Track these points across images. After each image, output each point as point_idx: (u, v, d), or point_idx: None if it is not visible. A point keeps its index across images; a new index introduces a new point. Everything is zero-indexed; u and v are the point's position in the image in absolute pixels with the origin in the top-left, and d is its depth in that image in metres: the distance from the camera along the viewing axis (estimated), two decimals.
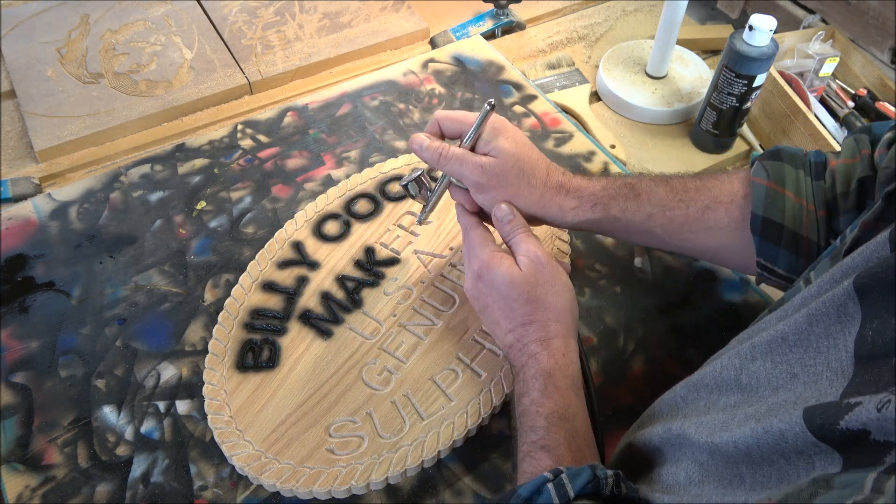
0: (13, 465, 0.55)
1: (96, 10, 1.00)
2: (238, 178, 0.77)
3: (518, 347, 0.51)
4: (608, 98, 0.94)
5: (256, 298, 0.64)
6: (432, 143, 0.56)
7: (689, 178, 0.57)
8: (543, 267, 0.52)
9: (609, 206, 0.56)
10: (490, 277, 0.53)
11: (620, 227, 0.57)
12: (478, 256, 0.54)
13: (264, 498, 0.54)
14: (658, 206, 0.55)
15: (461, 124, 0.56)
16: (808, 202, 0.52)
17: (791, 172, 0.53)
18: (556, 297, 0.52)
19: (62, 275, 0.68)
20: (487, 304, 0.54)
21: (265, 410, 0.56)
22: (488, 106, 0.54)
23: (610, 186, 0.56)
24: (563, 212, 0.56)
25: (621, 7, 1.09)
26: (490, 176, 0.54)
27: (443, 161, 0.55)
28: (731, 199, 0.54)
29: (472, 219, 0.57)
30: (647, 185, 0.56)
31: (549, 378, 0.48)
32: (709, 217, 0.54)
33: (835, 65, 0.93)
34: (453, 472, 0.55)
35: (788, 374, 0.36)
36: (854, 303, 0.33)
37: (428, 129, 0.58)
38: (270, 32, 0.98)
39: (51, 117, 0.86)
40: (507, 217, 0.55)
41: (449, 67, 0.90)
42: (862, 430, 0.28)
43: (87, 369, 0.61)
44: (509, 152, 0.54)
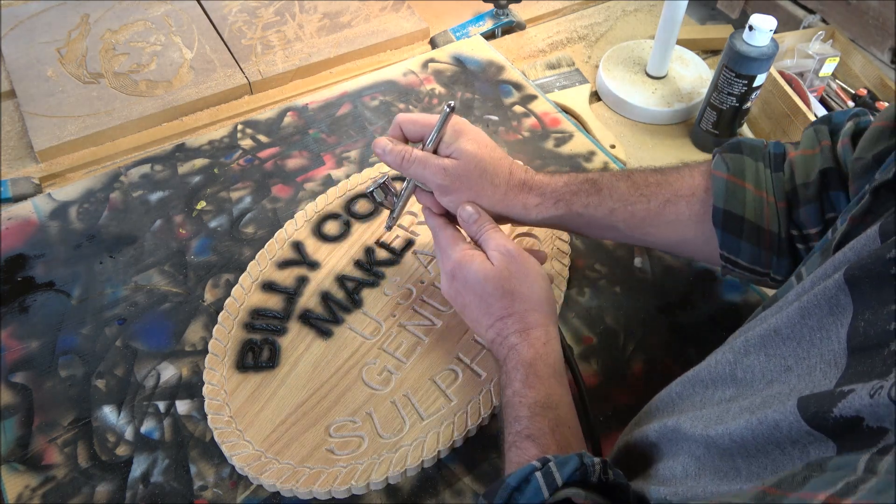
0: (13, 465, 0.55)
1: (96, 10, 1.00)
2: (238, 178, 0.77)
3: (499, 341, 0.52)
4: (608, 98, 0.94)
5: (256, 298, 0.64)
6: (395, 147, 0.56)
7: (650, 173, 0.57)
8: (514, 259, 0.53)
9: (571, 202, 0.56)
10: (464, 276, 0.53)
11: (583, 223, 0.57)
12: (449, 257, 0.55)
13: (264, 498, 0.54)
14: (619, 200, 0.56)
15: (422, 127, 0.57)
16: (767, 194, 0.53)
17: (751, 164, 0.54)
18: (530, 288, 0.53)
19: (62, 275, 0.68)
20: (465, 302, 0.54)
21: (265, 410, 0.56)
22: (448, 108, 0.54)
23: (572, 182, 0.57)
24: (526, 209, 0.57)
25: (621, 7, 1.09)
26: (453, 178, 0.55)
27: (406, 164, 0.56)
28: (692, 192, 0.55)
29: (439, 220, 0.58)
30: (609, 181, 0.57)
31: (530, 368, 0.49)
32: (670, 211, 0.55)
33: (835, 65, 0.93)
34: (453, 472, 0.55)
35: (782, 367, 0.36)
36: (845, 295, 0.33)
37: (390, 133, 0.58)
38: (270, 32, 0.98)
39: (51, 117, 0.86)
40: (472, 217, 0.55)
41: (449, 67, 0.90)
42: (855, 416, 0.28)
43: (87, 369, 0.61)
44: (471, 153, 0.55)
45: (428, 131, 0.56)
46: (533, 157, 0.79)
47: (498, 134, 0.82)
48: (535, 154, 0.80)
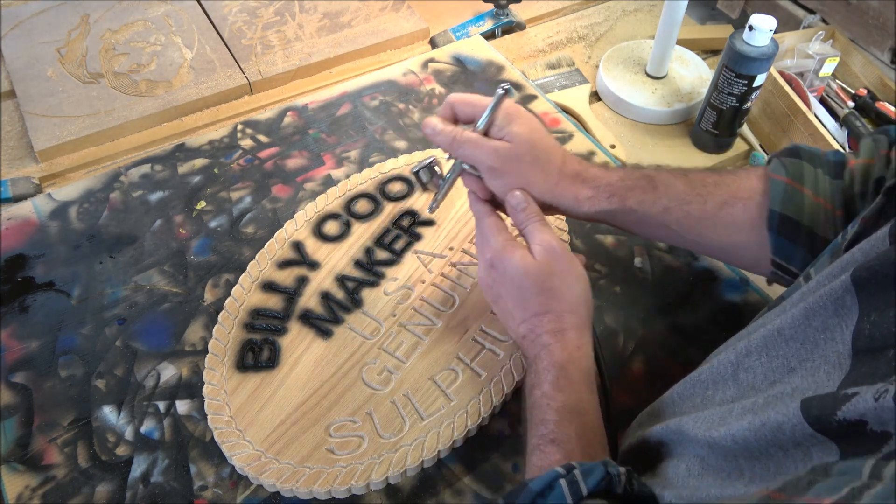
0: (13, 465, 0.55)
1: (96, 10, 1.00)
2: (238, 178, 0.77)
3: (531, 338, 0.50)
4: (608, 98, 0.94)
5: (256, 298, 0.64)
6: (445, 127, 0.54)
7: (707, 173, 0.56)
8: (559, 257, 0.51)
9: (626, 197, 0.54)
10: (503, 266, 0.52)
11: (636, 220, 0.56)
12: (490, 245, 0.53)
13: (264, 498, 0.54)
14: (675, 199, 0.54)
15: (475, 108, 0.55)
16: (826, 201, 0.51)
17: (810, 170, 0.52)
18: (570, 288, 0.51)
19: (62, 275, 0.68)
20: (500, 293, 0.53)
21: (265, 410, 0.56)
22: (502, 90, 0.52)
23: (627, 177, 0.55)
24: (578, 201, 0.55)
25: (621, 7, 1.09)
26: (504, 160, 0.53)
27: (456, 145, 0.54)
28: (750, 195, 0.53)
29: (484, 207, 0.56)
30: (665, 178, 0.55)
31: (561, 371, 0.47)
32: (726, 213, 0.53)
33: (835, 65, 0.93)
34: (453, 472, 0.55)
35: (785, 367, 0.36)
36: (851, 296, 0.33)
37: (441, 113, 0.56)
38: (270, 32, 0.98)
39: (51, 117, 0.86)
40: (521, 205, 0.53)
41: (449, 67, 0.90)
42: (859, 420, 0.28)
43: (87, 369, 0.61)
44: (524, 137, 0.53)
45: (479, 112, 0.54)
46: None
47: None
48: None
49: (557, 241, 0.52)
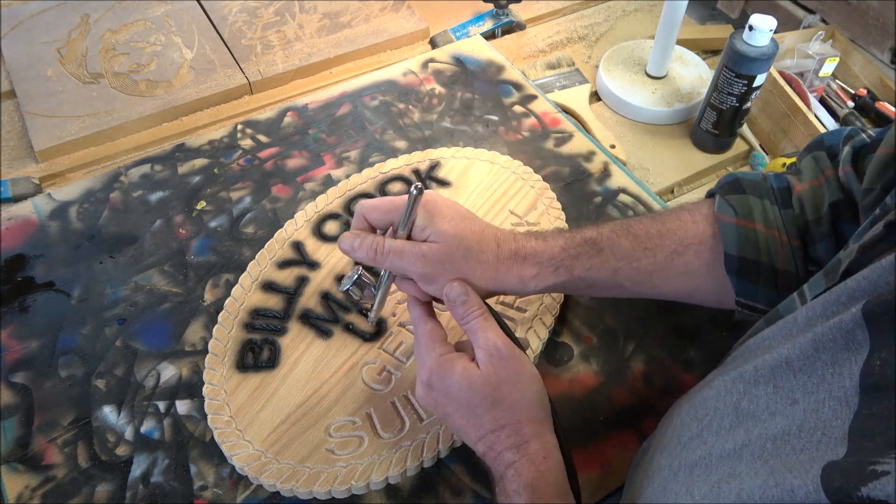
0: (13, 465, 0.55)
1: (96, 10, 1.00)
2: (238, 178, 0.77)
3: (492, 456, 0.47)
4: (608, 98, 0.94)
5: (256, 298, 0.64)
6: (364, 241, 0.51)
7: (649, 223, 0.54)
8: (505, 361, 0.47)
9: (572, 266, 0.52)
10: (444, 386, 0.48)
11: (586, 286, 0.54)
12: (424, 363, 0.49)
13: (264, 498, 0.54)
14: (623, 258, 0.52)
15: (388, 213, 0.51)
16: (780, 233, 0.50)
17: (757, 203, 0.51)
18: (522, 394, 0.47)
19: (62, 275, 0.68)
20: (447, 412, 0.49)
21: (265, 410, 0.56)
22: (415, 190, 0.48)
23: (570, 246, 0.53)
24: (523, 281, 0.52)
25: (621, 7, 1.09)
26: (435, 264, 0.50)
27: (380, 258, 0.50)
28: (700, 240, 0.52)
29: (420, 312, 0.52)
30: (609, 238, 0.53)
31: (532, 492, 0.44)
32: (678, 262, 0.52)
33: (835, 65, 0.93)
34: (453, 472, 0.55)
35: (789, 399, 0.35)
36: (863, 330, 0.32)
37: (355, 226, 0.53)
38: (270, 32, 0.98)
39: (51, 117, 0.86)
40: (459, 298, 0.50)
41: (449, 67, 0.90)
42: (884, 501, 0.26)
43: (87, 369, 0.61)
44: (450, 233, 0.50)
45: (396, 216, 0.51)
46: (533, 157, 0.79)
47: (498, 134, 0.82)
48: (535, 154, 0.80)
49: (503, 340, 0.48)
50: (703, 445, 0.39)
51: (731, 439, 0.37)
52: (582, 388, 0.60)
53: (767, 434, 0.34)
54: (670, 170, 0.87)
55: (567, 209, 0.72)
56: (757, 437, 0.35)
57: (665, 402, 0.58)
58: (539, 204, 0.72)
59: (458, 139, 0.81)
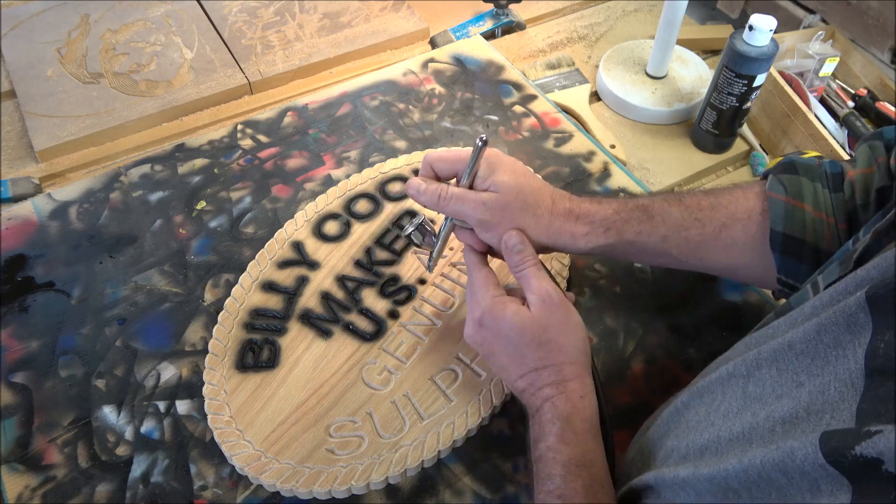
0: (13, 465, 0.55)
1: (96, 10, 1.00)
2: (238, 178, 0.77)
3: (531, 392, 0.50)
4: (608, 98, 0.94)
5: (256, 298, 0.64)
6: (429, 187, 0.54)
7: (702, 196, 0.55)
8: (555, 307, 0.50)
9: (622, 230, 0.54)
10: (495, 325, 0.51)
11: (635, 251, 0.55)
12: (478, 302, 0.52)
13: (264, 498, 0.54)
14: (673, 227, 0.54)
15: (454, 163, 0.55)
16: (827, 215, 0.51)
17: (808, 185, 0.52)
18: (568, 339, 0.50)
19: (62, 275, 0.68)
20: (493, 350, 0.52)
21: (265, 410, 0.56)
22: (480, 142, 0.51)
23: (622, 210, 0.55)
24: (574, 238, 0.54)
25: (621, 7, 1.09)
26: (494, 212, 0.53)
27: (443, 203, 0.54)
28: (748, 215, 0.53)
29: (477, 259, 0.55)
30: (661, 206, 0.55)
31: (566, 422, 0.47)
32: (726, 235, 0.53)
33: (835, 65, 0.93)
34: (453, 472, 0.55)
35: (794, 382, 0.35)
36: (865, 313, 0.32)
37: (422, 174, 0.56)
38: (270, 32, 0.98)
39: (51, 117, 0.86)
40: (517, 247, 0.53)
41: (449, 67, 0.90)
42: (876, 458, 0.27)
43: (87, 369, 0.61)
44: (510, 185, 0.53)
45: (460, 167, 0.54)
46: (533, 157, 0.79)
47: (498, 134, 0.82)
48: (535, 154, 0.80)
49: (554, 288, 0.51)
50: (711, 428, 0.39)
51: (739, 422, 0.37)
52: None
53: (775, 417, 0.35)
54: (670, 170, 0.87)
55: None
56: (764, 419, 0.35)
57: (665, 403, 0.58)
58: None
59: (458, 139, 0.81)
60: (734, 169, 0.90)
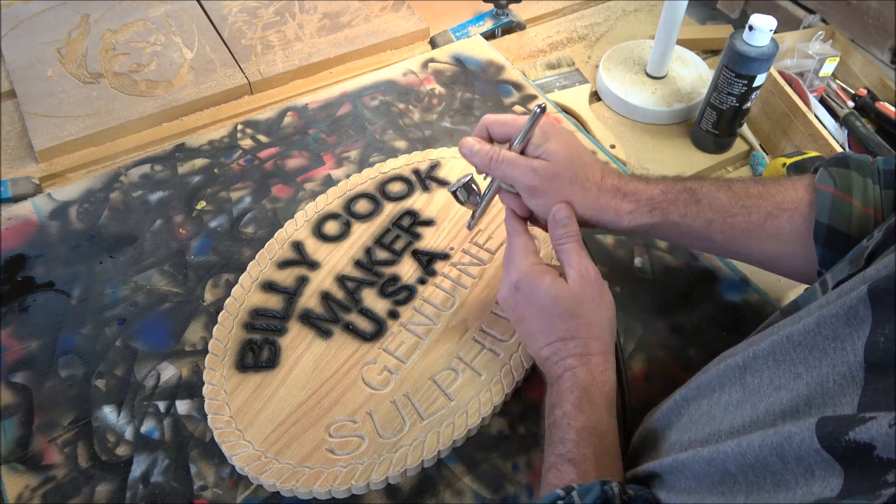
0: (13, 465, 0.55)
1: (96, 10, 1.00)
2: (238, 178, 0.77)
3: (554, 360, 0.50)
4: (608, 98, 0.94)
5: (256, 298, 0.64)
6: (482, 147, 0.54)
7: (751, 184, 0.55)
8: (592, 283, 0.51)
9: (668, 210, 0.54)
10: (530, 291, 0.52)
11: (679, 233, 0.55)
12: (517, 266, 0.53)
13: (264, 498, 0.54)
14: (719, 212, 0.53)
15: (510, 128, 0.55)
16: (876, 211, 0.50)
17: (858, 180, 0.51)
18: (599, 315, 0.51)
19: (62, 275, 0.68)
20: (524, 315, 0.53)
21: (265, 410, 0.56)
22: (538, 109, 0.52)
23: (669, 190, 0.54)
24: (619, 216, 0.54)
25: (621, 7, 1.09)
26: (543, 179, 0.53)
27: (494, 165, 0.54)
28: (795, 206, 0.52)
29: (519, 225, 0.56)
30: (709, 190, 0.54)
31: (584, 392, 0.48)
32: (771, 224, 0.53)
33: (835, 65, 0.93)
34: (453, 472, 0.55)
35: (792, 373, 0.35)
36: (866, 307, 0.32)
37: (476, 133, 0.56)
38: (270, 32, 0.98)
39: (51, 117, 0.86)
40: (563, 220, 0.53)
41: (449, 67, 0.90)
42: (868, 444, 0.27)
43: (87, 369, 0.61)
44: (561, 155, 0.53)
45: (515, 132, 0.54)
46: None
47: None
48: None
49: (593, 266, 0.52)
50: (713, 421, 0.39)
51: (740, 415, 0.37)
52: None
53: (775, 410, 0.35)
54: (670, 170, 0.87)
55: None
56: (765, 412, 0.35)
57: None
58: None
59: (458, 139, 0.81)
60: (734, 169, 0.90)
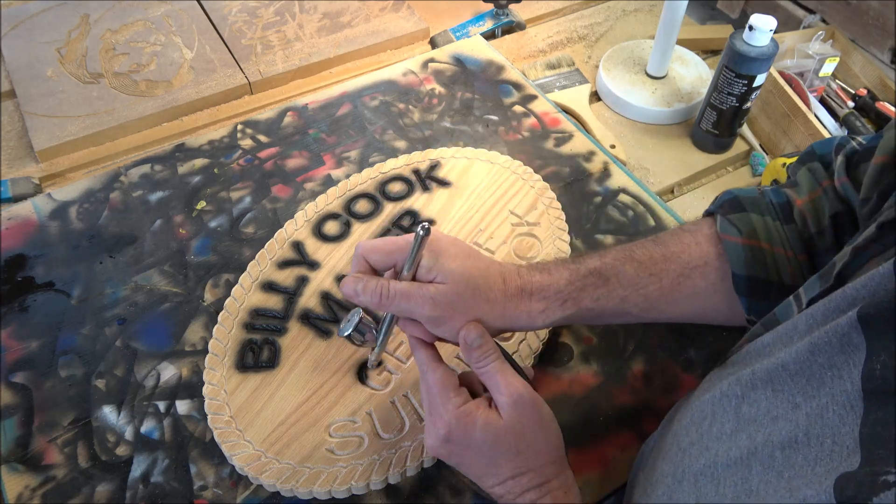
0: (13, 465, 0.55)
1: (96, 10, 1.00)
2: (238, 178, 0.77)
3: (510, 498, 0.46)
4: (608, 98, 0.94)
5: (256, 298, 0.64)
6: (368, 285, 0.48)
7: (652, 247, 0.53)
8: (528, 408, 0.46)
9: (579, 299, 0.51)
10: (464, 439, 0.46)
11: (594, 316, 0.52)
12: (441, 416, 0.47)
13: (264, 498, 0.54)
14: (630, 286, 0.51)
15: (391, 254, 0.49)
16: (785, 249, 0.50)
17: (759, 221, 0.51)
18: (546, 438, 0.47)
19: (62, 275, 0.68)
20: (463, 462, 0.48)
21: (265, 410, 0.56)
22: (422, 231, 0.46)
23: (575, 278, 0.51)
24: (531, 317, 0.50)
25: (621, 7, 1.09)
26: (444, 306, 0.47)
27: (386, 302, 0.48)
28: (705, 261, 0.51)
29: (427, 357, 0.49)
30: (613, 267, 0.52)
31: None
32: (685, 285, 0.51)
33: (835, 65, 0.93)
34: (453, 472, 0.55)
35: (790, 403, 0.35)
36: (858, 333, 0.32)
37: (355, 269, 0.50)
38: (270, 32, 0.98)
39: (51, 117, 0.86)
40: (476, 342, 0.47)
41: (449, 67, 0.90)
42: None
43: (87, 369, 0.61)
44: (458, 273, 0.48)
45: (399, 257, 0.49)
46: (533, 157, 0.79)
47: (498, 134, 0.82)
48: (535, 154, 0.80)
49: (523, 385, 0.47)
50: (706, 452, 0.39)
51: (735, 446, 0.37)
52: (582, 387, 0.60)
53: (774, 441, 0.34)
54: (670, 170, 0.87)
55: (567, 209, 0.72)
56: (763, 444, 0.35)
57: (665, 402, 0.58)
58: (539, 204, 0.72)
59: (458, 139, 0.81)
60: (734, 169, 0.90)
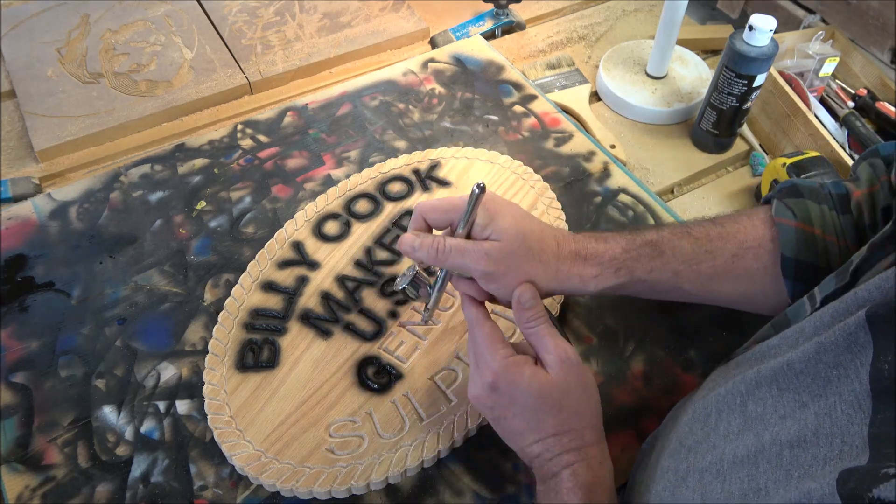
0: (13, 465, 0.55)
1: (96, 10, 1.00)
2: (238, 178, 0.77)
3: (547, 457, 0.46)
4: (608, 98, 0.94)
5: (256, 298, 0.64)
6: (425, 241, 0.49)
7: (709, 226, 0.53)
8: (574, 368, 0.47)
9: (633, 268, 0.52)
10: (510, 390, 0.47)
11: (646, 288, 0.53)
12: (489, 365, 0.47)
13: (264, 498, 0.54)
14: (684, 261, 0.52)
15: (448, 212, 0.51)
16: (838, 238, 0.50)
17: (815, 208, 0.51)
18: (588, 402, 0.48)
19: (62, 275, 0.68)
20: (505, 415, 0.48)
21: (265, 410, 0.56)
22: (477, 189, 0.47)
23: (630, 247, 0.52)
24: (584, 281, 0.51)
25: (621, 7, 1.09)
26: (498, 262, 0.49)
27: (442, 257, 0.49)
28: (759, 243, 0.51)
29: (478, 313, 0.50)
30: (670, 241, 0.52)
31: (589, 493, 0.44)
32: (737, 265, 0.51)
33: (835, 65, 0.93)
34: (453, 472, 0.55)
35: (797, 402, 0.35)
36: (865, 333, 0.32)
37: (413, 227, 0.52)
38: (270, 32, 0.98)
39: (51, 117, 0.86)
40: (528, 302, 0.49)
41: (449, 67, 0.90)
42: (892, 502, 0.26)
43: (87, 369, 0.61)
44: (512, 232, 0.49)
45: (455, 216, 0.50)
46: (533, 157, 0.79)
47: (498, 134, 0.82)
48: (535, 154, 0.80)
49: (570, 348, 0.48)
50: (713, 450, 0.39)
51: (743, 444, 0.37)
52: None
53: (782, 440, 0.34)
54: (670, 170, 0.87)
55: (567, 209, 0.72)
56: (770, 442, 0.35)
57: (665, 402, 0.58)
58: (539, 204, 0.72)
59: (458, 139, 0.81)
60: (734, 169, 0.90)
